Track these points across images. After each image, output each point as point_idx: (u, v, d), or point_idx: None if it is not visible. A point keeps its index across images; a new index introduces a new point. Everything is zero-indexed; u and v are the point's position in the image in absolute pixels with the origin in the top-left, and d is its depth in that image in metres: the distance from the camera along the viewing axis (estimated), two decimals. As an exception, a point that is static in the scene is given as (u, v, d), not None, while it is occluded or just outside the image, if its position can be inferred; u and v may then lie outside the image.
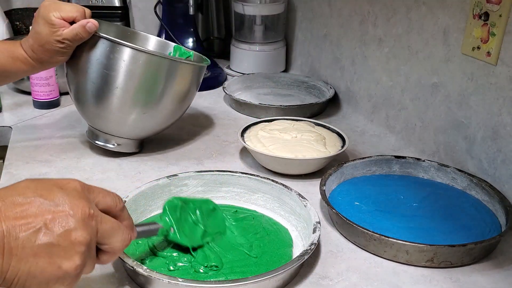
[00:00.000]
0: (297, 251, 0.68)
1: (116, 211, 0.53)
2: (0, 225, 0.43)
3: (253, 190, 0.78)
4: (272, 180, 0.78)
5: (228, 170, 0.80)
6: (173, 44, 1.03)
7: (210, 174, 0.79)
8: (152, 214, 0.74)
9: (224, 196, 0.79)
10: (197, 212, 0.69)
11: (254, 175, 0.79)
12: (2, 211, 0.44)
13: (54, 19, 0.79)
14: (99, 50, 0.83)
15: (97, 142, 0.92)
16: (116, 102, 0.85)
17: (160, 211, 0.67)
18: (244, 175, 0.79)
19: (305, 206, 0.71)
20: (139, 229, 0.59)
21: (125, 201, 0.68)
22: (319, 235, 0.65)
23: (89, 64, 0.84)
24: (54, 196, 0.47)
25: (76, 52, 0.85)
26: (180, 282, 0.56)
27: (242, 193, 0.79)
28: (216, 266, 0.63)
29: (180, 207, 0.66)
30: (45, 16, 0.80)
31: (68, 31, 0.80)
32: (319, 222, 0.67)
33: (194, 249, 0.66)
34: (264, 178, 0.78)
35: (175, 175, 0.77)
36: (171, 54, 1.01)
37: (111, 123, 0.89)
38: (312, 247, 0.63)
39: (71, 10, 0.80)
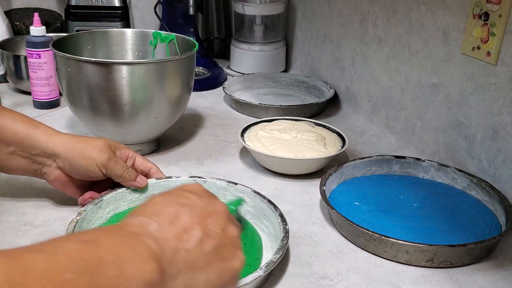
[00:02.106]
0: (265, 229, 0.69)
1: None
2: (167, 242, 0.43)
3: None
4: (240, 184, 0.75)
5: (197, 176, 0.77)
6: (151, 31, 1.02)
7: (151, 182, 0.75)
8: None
9: None
10: None
11: (220, 179, 0.76)
12: (162, 227, 0.44)
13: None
14: (96, 75, 0.82)
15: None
16: (129, 117, 0.86)
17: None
18: (209, 179, 0.76)
19: (235, 184, 0.73)
20: None
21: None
22: (280, 212, 0.67)
23: (91, 90, 0.84)
24: (192, 201, 0.47)
25: (72, 84, 0.85)
26: None
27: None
28: None
29: None
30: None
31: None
32: (281, 214, 0.68)
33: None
34: (230, 182, 0.75)
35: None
36: (152, 42, 1.01)
37: (130, 135, 0.90)
38: (284, 242, 0.62)
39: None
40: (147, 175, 0.76)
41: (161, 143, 0.98)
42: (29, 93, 1.15)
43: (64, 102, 1.14)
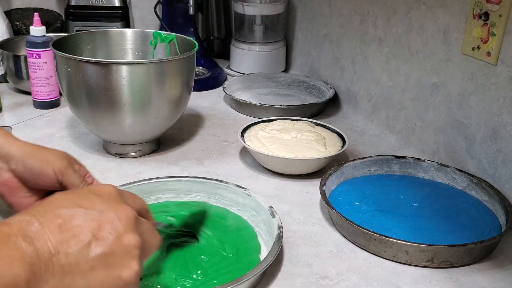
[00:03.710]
0: (262, 238, 0.69)
1: (144, 212, 0.52)
2: (45, 243, 0.40)
3: (184, 192, 0.76)
4: (205, 178, 0.76)
5: (155, 178, 0.76)
6: (152, 31, 1.02)
7: (136, 185, 0.75)
8: None
9: (152, 206, 0.74)
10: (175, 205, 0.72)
11: (183, 176, 0.77)
12: (45, 227, 0.41)
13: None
14: (96, 75, 0.82)
15: (117, 154, 0.93)
16: (129, 117, 0.86)
17: None
18: (172, 178, 0.76)
19: (249, 195, 0.72)
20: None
21: None
22: (279, 217, 0.67)
23: (91, 90, 0.84)
24: (93, 204, 0.44)
25: (72, 84, 0.85)
26: None
27: (172, 198, 0.76)
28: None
29: (160, 206, 0.69)
30: None
31: None
32: (272, 207, 0.69)
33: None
34: (195, 177, 0.76)
35: None
36: (152, 42, 1.01)
37: (130, 135, 0.90)
38: (281, 230, 0.64)
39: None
40: None
41: (161, 143, 0.98)
42: (29, 93, 1.15)
43: (64, 102, 1.14)
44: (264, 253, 0.66)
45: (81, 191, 0.47)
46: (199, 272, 0.62)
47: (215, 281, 0.60)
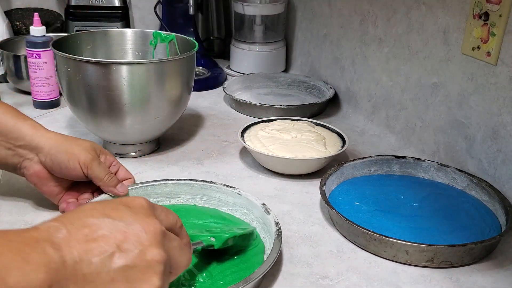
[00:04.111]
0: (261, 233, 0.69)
1: (177, 229, 0.51)
2: (71, 250, 0.40)
3: (170, 196, 0.75)
4: (191, 180, 0.76)
5: (141, 182, 0.76)
6: (152, 31, 1.02)
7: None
8: None
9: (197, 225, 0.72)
10: (219, 226, 0.69)
11: (169, 179, 0.76)
12: (72, 234, 0.41)
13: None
14: (96, 75, 0.82)
15: (117, 154, 0.93)
16: (129, 117, 0.86)
17: None
18: (158, 182, 0.75)
19: (239, 194, 0.72)
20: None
21: None
22: (274, 214, 0.68)
23: (91, 90, 0.84)
24: (122, 215, 0.45)
25: (72, 84, 0.85)
26: None
27: (159, 202, 0.75)
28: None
29: (204, 226, 0.67)
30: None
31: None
32: (264, 204, 0.69)
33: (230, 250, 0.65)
34: (181, 179, 0.76)
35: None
36: (152, 41, 1.01)
37: (130, 135, 0.90)
38: (279, 226, 0.65)
39: None
40: None
41: (161, 143, 0.98)
42: (29, 93, 1.15)
43: (64, 102, 1.14)
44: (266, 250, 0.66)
45: (113, 201, 0.47)
46: (204, 275, 0.61)
47: (221, 282, 0.60)
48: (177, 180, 0.76)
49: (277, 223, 0.66)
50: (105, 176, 0.69)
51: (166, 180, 0.76)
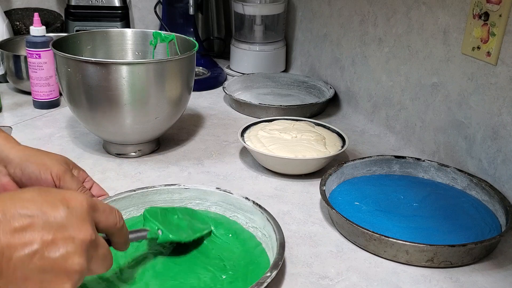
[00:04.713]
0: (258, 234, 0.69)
1: (115, 229, 0.51)
2: None
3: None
4: (133, 190, 0.73)
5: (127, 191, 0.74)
6: (152, 31, 1.02)
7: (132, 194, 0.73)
8: None
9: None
10: (178, 214, 0.68)
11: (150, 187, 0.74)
12: (1, 225, 0.41)
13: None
14: (96, 75, 0.82)
15: (117, 154, 0.93)
16: (129, 117, 0.86)
17: None
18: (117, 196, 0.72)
19: (232, 194, 0.73)
20: (130, 236, 0.57)
21: None
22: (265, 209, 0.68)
23: (91, 90, 0.84)
24: (58, 214, 0.43)
25: (71, 84, 0.85)
26: None
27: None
28: None
29: (160, 212, 0.65)
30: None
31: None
32: (251, 200, 0.70)
33: (187, 245, 0.65)
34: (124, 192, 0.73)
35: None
36: (152, 42, 1.02)
37: (130, 135, 0.90)
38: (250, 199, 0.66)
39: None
40: None
41: (161, 143, 0.98)
42: (29, 93, 1.15)
43: (64, 102, 1.14)
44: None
45: (54, 195, 0.45)
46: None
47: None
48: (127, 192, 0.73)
49: (246, 198, 0.67)
50: (78, 189, 0.65)
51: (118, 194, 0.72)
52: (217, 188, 0.75)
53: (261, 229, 0.69)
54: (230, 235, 0.70)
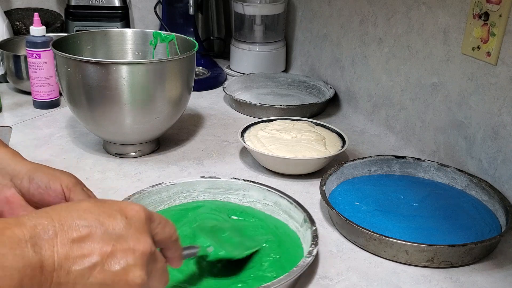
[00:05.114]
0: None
1: (170, 242, 0.48)
2: (53, 255, 0.38)
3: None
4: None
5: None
6: (152, 31, 1.02)
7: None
8: None
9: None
10: (228, 231, 0.66)
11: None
12: (58, 236, 0.39)
13: None
14: (96, 75, 0.82)
15: (117, 154, 0.93)
16: (129, 117, 0.86)
17: None
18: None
19: (219, 178, 0.75)
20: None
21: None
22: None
23: (91, 90, 0.84)
24: (116, 225, 0.42)
25: (71, 84, 0.85)
26: None
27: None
28: None
29: (210, 230, 0.64)
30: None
31: None
32: (241, 179, 0.72)
33: (240, 261, 0.63)
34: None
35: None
36: (152, 42, 1.02)
37: (130, 135, 0.90)
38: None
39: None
40: None
41: (161, 143, 0.98)
42: (29, 93, 1.15)
43: (64, 102, 1.14)
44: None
45: (110, 205, 0.44)
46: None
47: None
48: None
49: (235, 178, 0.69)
50: None
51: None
52: (202, 177, 0.77)
53: (261, 200, 0.75)
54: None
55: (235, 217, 0.73)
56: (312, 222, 0.67)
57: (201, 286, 0.60)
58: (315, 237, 0.64)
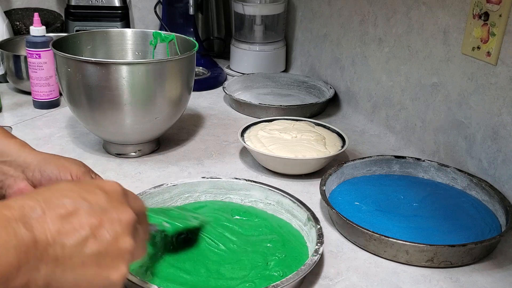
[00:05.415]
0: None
1: (141, 214, 0.51)
2: (44, 231, 0.40)
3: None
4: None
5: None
6: (152, 31, 1.02)
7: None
8: None
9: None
10: (174, 209, 0.69)
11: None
12: (46, 214, 0.41)
13: None
14: (96, 75, 0.82)
15: (117, 154, 0.93)
16: (129, 117, 0.86)
17: None
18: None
19: (220, 178, 0.75)
20: None
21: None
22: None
23: (91, 90, 0.84)
24: (98, 199, 0.44)
25: (72, 84, 0.85)
26: None
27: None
28: None
29: (160, 211, 0.66)
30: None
31: None
32: (242, 179, 0.72)
33: (192, 231, 0.66)
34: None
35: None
36: (152, 42, 1.02)
37: (130, 135, 0.90)
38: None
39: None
40: None
41: (161, 143, 0.98)
42: (29, 93, 1.15)
43: (64, 102, 1.14)
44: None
45: (88, 184, 0.47)
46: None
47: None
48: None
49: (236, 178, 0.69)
50: None
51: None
52: (203, 177, 0.77)
53: (263, 200, 0.75)
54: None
55: (238, 217, 0.73)
56: (316, 220, 0.67)
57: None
58: (320, 235, 0.64)
